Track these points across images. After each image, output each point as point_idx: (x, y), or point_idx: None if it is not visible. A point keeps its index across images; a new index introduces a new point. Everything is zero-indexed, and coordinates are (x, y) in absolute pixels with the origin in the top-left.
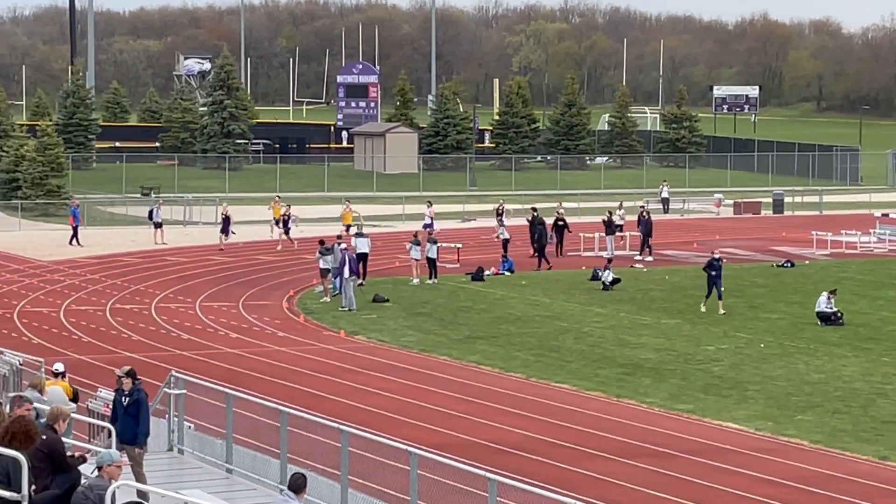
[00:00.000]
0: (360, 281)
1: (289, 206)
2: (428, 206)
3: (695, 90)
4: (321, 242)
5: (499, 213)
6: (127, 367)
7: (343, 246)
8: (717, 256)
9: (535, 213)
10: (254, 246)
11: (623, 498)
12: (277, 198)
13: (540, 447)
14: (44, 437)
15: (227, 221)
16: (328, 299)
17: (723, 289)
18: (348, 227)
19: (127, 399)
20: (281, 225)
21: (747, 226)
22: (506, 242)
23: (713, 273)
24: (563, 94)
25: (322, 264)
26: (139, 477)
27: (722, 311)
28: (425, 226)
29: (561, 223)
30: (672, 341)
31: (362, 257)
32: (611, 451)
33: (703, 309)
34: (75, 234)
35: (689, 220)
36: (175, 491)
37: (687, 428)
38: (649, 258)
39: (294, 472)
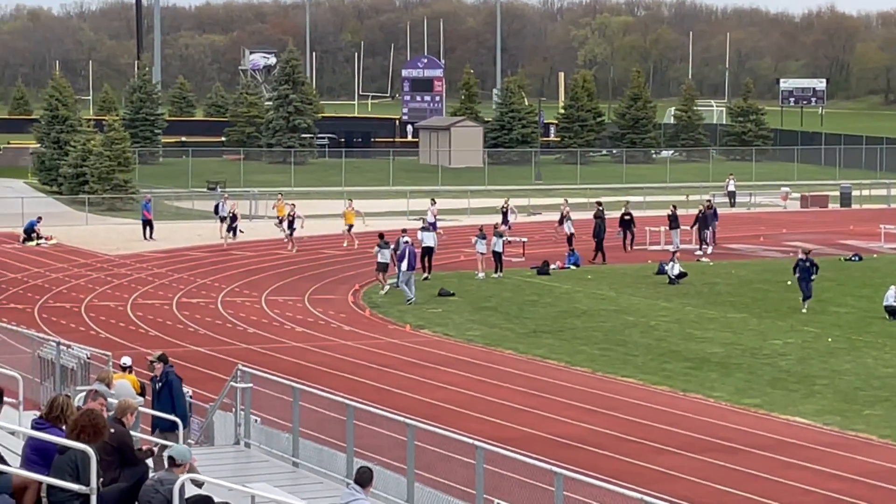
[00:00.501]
0: (425, 275)
1: (293, 205)
2: (431, 204)
3: (761, 83)
4: (380, 236)
5: (503, 212)
6: (158, 353)
7: (406, 239)
8: (801, 257)
9: (600, 207)
10: (319, 240)
11: (690, 493)
12: (280, 196)
13: (606, 441)
14: (112, 430)
15: (233, 219)
16: (383, 292)
17: (811, 288)
18: (350, 226)
19: (159, 384)
20: (286, 225)
21: (814, 219)
22: (571, 237)
23: (798, 274)
24: (628, 87)
25: (380, 258)
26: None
27: (804, 310)
28: (430, 224)
29: (627, 217)
30: (738, 335)
31: (428, 251)
32: (677, 445)
33: (804, 310)
34: (149, 228)
35: (756, 214)
36: (242, 484)
37: (754, 422)
38: (709, 251)
39: (360, 465)
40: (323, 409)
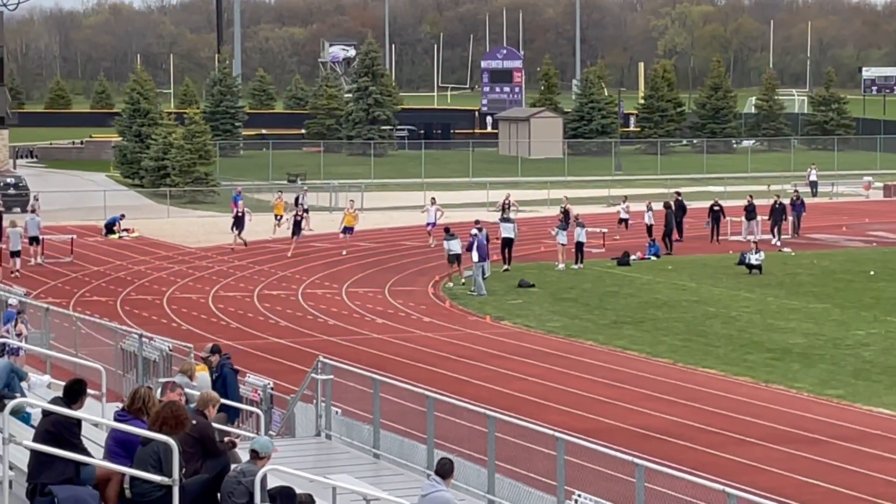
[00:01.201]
0: (505, 266)
1: (303, 206)
2: (431, 204)
3: (843, 72)
4: (446, 230)
5: (504, 208)
6: (210, 345)
7: (474, 231)
8: None
9: (679, 197)
10: (399, 232)
11: (773, 484)
12: (279, 193)
13: (687, 432)
14: (194, 422)
15: (240, 219)
16: (451, 284)
17: None
18: (349, 228)
19: (216, 375)
20: (292, 226)
21: None
22: (650, 227)
23: None
24: (708, 77)
25: (450, 250)
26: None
27: None
28: (431, 224)
29: (717, 209)
30: (821, 326)
31: (507, 242)
32: (759, 436)
33: None
34: (237, 225)
35: (838, 204)
36: (323, 476)
37: (837, 413)
38: (774, 242)
39: (441, 457)
40: (403, 401)
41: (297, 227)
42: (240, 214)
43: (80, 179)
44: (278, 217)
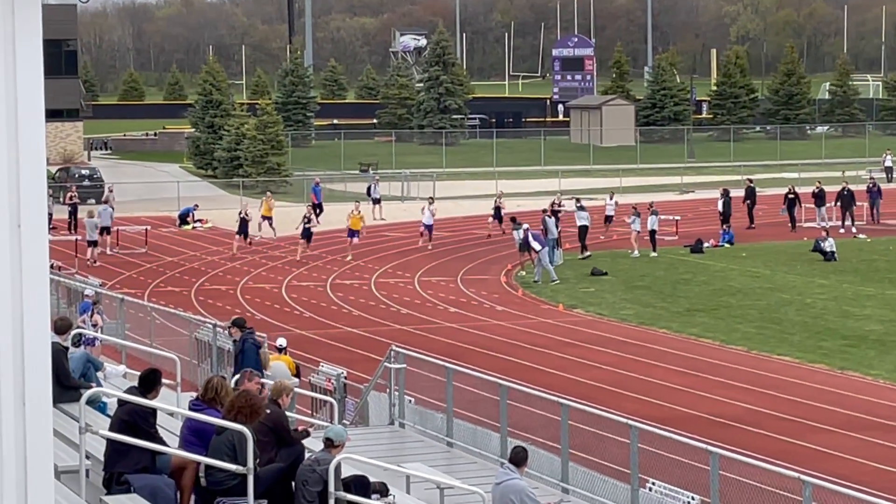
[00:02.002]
0: (587, 253)
1: (312, 206)
2: (429, 204)
3: None
4: (513, 220)
5: (496, 207)
6: (233, 318)
7: (526, 226)
8: None
9: (751, 184)
10: (470, 221)
11: (849, 472)
12: (269, 193)
13: (762, 420)
14: (268, 411)
15: (244, 223)
16: (524, 273)
17: None
18: (354, 231)
19: (238, 349)
20: (301, 231)
21: None
22: (727, 215)
23: None
24: (781, 62)
25: (518, 239)
26: None
27: None
28: (426, 226)
29: (792, 196)
30: None
31: (583, 230)
32: (835, 424)
33: None
34: (318, 211)
35: None
36: (397, 464)
37: None
38: (842, 229)
39: (515, 445)
40: (476, 389)
41: (306, 231)
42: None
43: (154, 171)
44: (267, 218)
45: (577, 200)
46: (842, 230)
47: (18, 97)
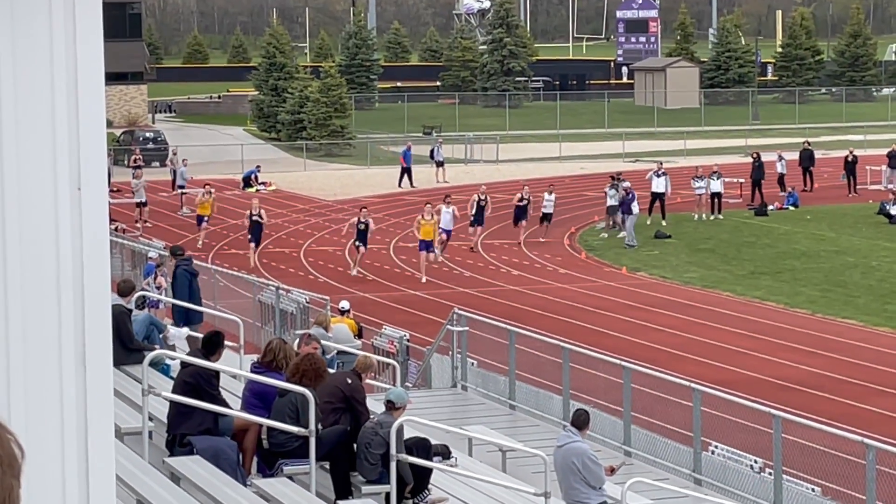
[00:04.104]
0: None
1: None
2: (445, 204)
3: None
4: (613, 177)
5: (480, 206)
6: (172, 246)
7: (627, 184)
8: None
9: (808, 146)
10: (534, 183)
11: None
12: (208, 187)
13: (826, 383)
14: (348, 381)
15: (258, 227)
16: (606, 235)
17: None
18: (427, 242)
19: (171, 279)
20: (356, 234)
21: None
22: (782, 177)
23: None
24: (848, 24)
25: (609, 201)
26: None
27: None
28: (445, 231)
29: (850, 159)
30: None
31: (658, 196)
32: None
33: None
34: (407, 175)
35: None
36: (459, 427)
37: None
38: None
39: (577, 408)
40: (539, 352)
41: (363, 235)
42: (255, 220)
43: (218, 133)
44: (205, 218)
45: (658, 165)
46: None
47: (78, 58)
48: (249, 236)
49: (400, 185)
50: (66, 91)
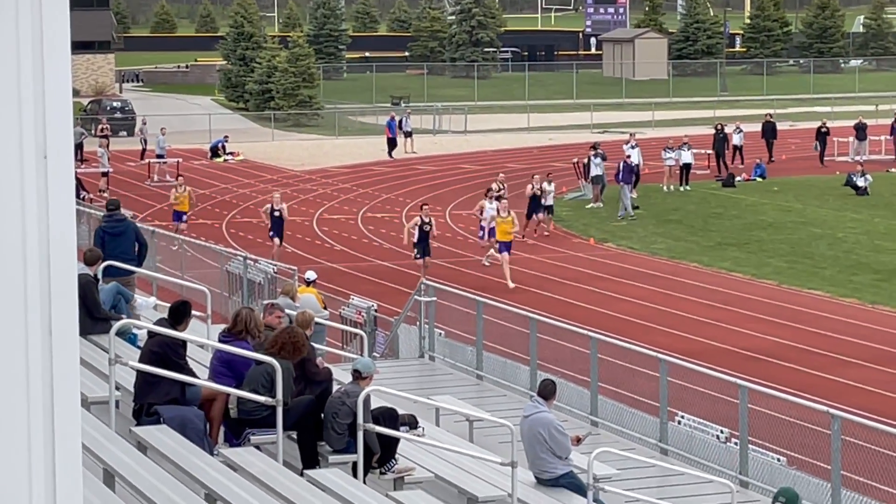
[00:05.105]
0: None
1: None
2: (488, 199)
3: None
4: (594, 147)
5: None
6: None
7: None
8: None
9: (770, 119)
10: (502, 154)
11: (880, 406)
12: (181, 178)
13: (792, 354)
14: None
15: (280, 222)
16: (601, 205)
17: None
18: (181, 213)
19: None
20: (417, 240)
21: None
22: (740, 148)
23: None
24: None
25: (595, 170)
26: None
27: None
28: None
29: (824, 130)
30: None
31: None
32: (866, 358)
33: None
34: (390, 146)
35: None
36: (426, 397)
37: None
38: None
39: (544, 378)
40: (506, 323)
41: (424, 240)
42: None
43: (186, 103)
44: (182, 216)
45: (631, 137)
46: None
47: (44, 26)
48: (271, 232)
49: (391, 156)
50: (31, 59)
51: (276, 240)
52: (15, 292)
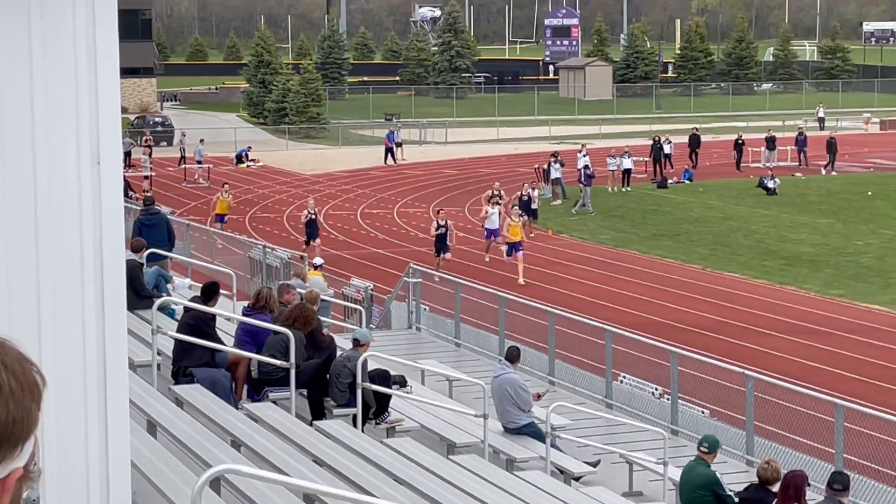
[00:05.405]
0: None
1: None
2: (489, 201)
3: (847, 26)
4: (552, 155)
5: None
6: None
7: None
8: None
9: (696, 132)
10: (477, 161)
11: (785, 368)
12: (226, 186)
13: (714, 326)
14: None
15: (314, 224)
16: (560, 202)
17: None
18: (222, 216)
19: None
20: (436, 239)
21: (892, 140)
22: (669, 156)
23: None
24: (734, 31)
25: (554, 174)
26: None
27: None
28: (490, 232)
29: (740, 142)
30: (826, 237)
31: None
32: (775, 329)
33: None
34: (390, 154)
35: (842, 136)
36: (414, 361)
37: (839, 310)
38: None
39: (510, 345)
40: (480, 300)
41: (440, 240)
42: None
43: (216, 119)
44: (223, 218)
45: (583, 147)
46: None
47: (98, 56)
48: (306, 237)
49: (386, 162)
50: (87, 83)
51: (314, 241)
52: (74, 275)
